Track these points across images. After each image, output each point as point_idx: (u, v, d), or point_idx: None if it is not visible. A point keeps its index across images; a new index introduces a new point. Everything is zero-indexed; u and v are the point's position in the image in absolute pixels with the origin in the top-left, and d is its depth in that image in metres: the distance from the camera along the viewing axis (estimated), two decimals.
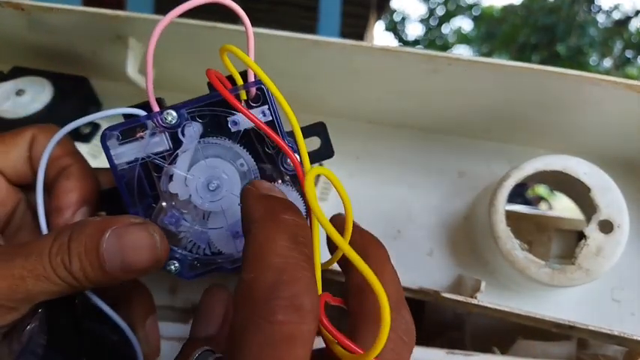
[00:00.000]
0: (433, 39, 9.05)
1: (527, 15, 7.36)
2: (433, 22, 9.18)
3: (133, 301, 0.28)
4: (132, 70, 0.41)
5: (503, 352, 0.41)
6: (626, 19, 7.17)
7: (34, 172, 0.27)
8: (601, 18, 7.20)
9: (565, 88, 0.36)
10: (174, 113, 0.25)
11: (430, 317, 0.51)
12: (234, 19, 0.26)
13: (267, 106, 0.25)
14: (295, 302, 0.18)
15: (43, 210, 0.26)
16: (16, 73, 0.43)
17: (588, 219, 0.38)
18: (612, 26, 7.16)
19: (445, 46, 8.66)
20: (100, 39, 0.41)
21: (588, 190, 0.37)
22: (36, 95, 0.42)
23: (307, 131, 0.26)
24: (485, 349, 0.39)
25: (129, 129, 0.25)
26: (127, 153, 0.25)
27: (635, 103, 0.36)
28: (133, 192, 0.26)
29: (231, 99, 0.24)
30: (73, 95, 0.43)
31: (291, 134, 0.24)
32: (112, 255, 0.22)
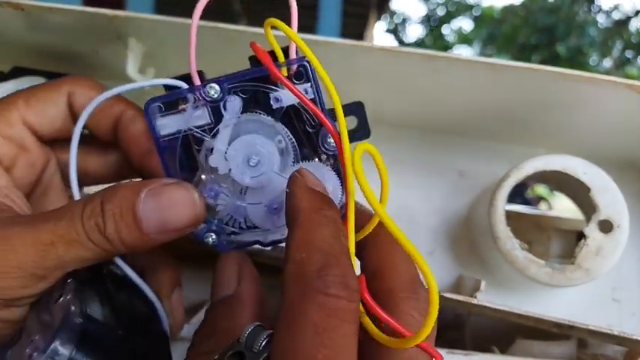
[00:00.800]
0: (433, 41, 9.05)
1: (527, 15, 7.36)
2: (433, 23, 9.18)
3: (159, 273, 0.27)
4: (132, 70, 0.41)
5: (503, 351, 0.41)
6: (626, 19, 7.17)
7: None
8: (601, 18, 7.21)
9: (565, 88, 0.36)
10: (217, 87, 0.24)
11: None
12: (234, 19, 0.26)
13: (309, 84, 0.24)
14: (344, 281, 0.19)
15: (76, 175, 0.25)
16: (16, 73, 0.43)
17: (588, 219, 0.38)
18: (612, 26, 7.17)
19: (446, 47, 8.66)
20: (100, 39, 0.41)
21: (588, 190, 0.37)
22: None
23: (345, 110, 0.25)
24: (485, 349, 0.39)
25: (171, 101, 0.24)
26: (168, 125, 0.25)
27: (635, 103, 0.36)
28: (174, 165, 0.25)
29: (279, 75, 0.23)
30: None
31: (331, 112, 0.24)
32: (150, 214, 0.21)
